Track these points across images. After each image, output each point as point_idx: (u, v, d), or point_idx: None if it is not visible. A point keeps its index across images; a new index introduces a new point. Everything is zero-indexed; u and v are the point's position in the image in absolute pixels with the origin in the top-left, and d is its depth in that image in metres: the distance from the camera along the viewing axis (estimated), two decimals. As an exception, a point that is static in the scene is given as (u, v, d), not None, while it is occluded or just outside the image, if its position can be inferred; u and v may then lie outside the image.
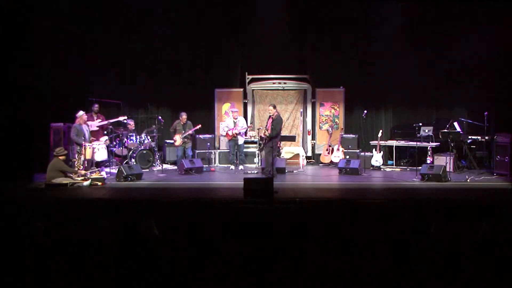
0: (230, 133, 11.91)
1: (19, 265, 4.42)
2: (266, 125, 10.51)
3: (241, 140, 12.15)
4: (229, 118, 12.28)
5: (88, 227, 5.29)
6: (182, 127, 11.83)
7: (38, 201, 8.19)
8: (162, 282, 4.30)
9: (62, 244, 4.82)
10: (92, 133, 11.19)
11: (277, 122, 10.28)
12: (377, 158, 11.71)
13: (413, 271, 4.25)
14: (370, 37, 12.60)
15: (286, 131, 13.12)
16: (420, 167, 10.35)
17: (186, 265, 4.46)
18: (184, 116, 11.89)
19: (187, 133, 11.78)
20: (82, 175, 9.65)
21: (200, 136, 12.61)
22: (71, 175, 9.67)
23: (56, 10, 11.03)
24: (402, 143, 11.98)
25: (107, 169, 10.88)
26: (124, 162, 11.54)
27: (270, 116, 10.55)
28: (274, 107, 10.60)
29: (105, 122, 11.76)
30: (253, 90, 13.49)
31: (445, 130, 11.12)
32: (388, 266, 4.31)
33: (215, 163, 12.56)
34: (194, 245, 4.84)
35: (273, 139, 10.27)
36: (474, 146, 11.55)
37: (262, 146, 12.63)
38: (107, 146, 11.16)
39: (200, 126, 12.04)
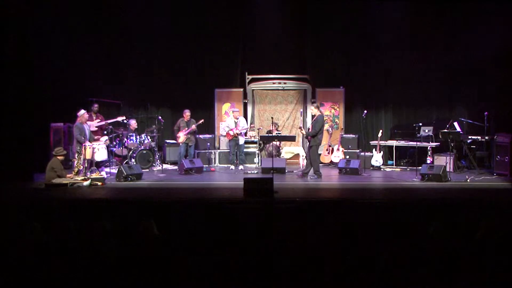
0: (231, 133, 11.91)
1: (18, 265, 4.42)
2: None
3: (241, 140, 12.16)
4: (229, 118, 12.28)
5: (88, 227, 5.29)
6: (185, 124, 11.90)
7: (38, 201, 8.19)
8: (162, 282, 4.30)
9: (62, 244, 4.82)
10: (91, 133, 11.18)
11: (316, 122, 10.28)
12: (377, 158, 11.71)
13: (413, 271, 4.24)
14: (370, 37, 12.62)
15: (286, 131, 13.14)
16: (420, 167, 10.36)
17: (186, 265, 4.46)
18: (187, 113, 11.95)
19: (191, 129, 11.82)
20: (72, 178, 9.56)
21: (200, 136, 12.63)
22: (70, 175, 9.68)
23: (56, 9, 11.04)
24: (402, 143, 11.98)
25: (107, 169, 10.88)
26: (124, 162, 11.54)
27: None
28: (316, 107, 10.64)
29: (103, 122, 11.76)
30: (253, 90, 13.49)
31: (445, 130, 11.11)
32: (388, 266, 4.31)
33: (215, 163, 12.57)
34: (194, 245, 4.84)
35: (313, 138, 10.25)
36: (474, 146, 11.55)
37: (262, 146, 12.69)
38: (107, 146, 11.15)
39: (203, 120, 12.08)
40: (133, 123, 12.09)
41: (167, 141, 12.76)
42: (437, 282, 4.15)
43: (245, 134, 12.55)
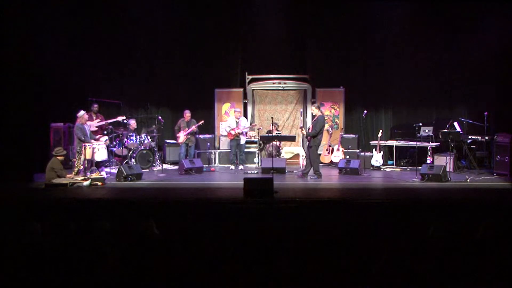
0: (232, 132, 11.90)
1: (18, 265, 4.42)
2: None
3: (243, 140, 12.15)
4: (231, 118, 12.28)
5: (88, 227, 5.29)
6: (186, 125, 11.92)
7: (38, 201, 8.19)
8: (162, 282, 4.30)
9: (62, 244, 4.82)
10: (91, 133, 11.18)
11: (316, 122, 10.26)
12: (377, 158, 11.71)
13: (413, 271, 4.24)
14: (370, 37, 12.65)
15: (286, 131, 13.14)
16: (420, 167, 10.35)
17: (186, 265, 4.46)
18: (188, 113, 11.98)
19: (191, 129, 11.83)
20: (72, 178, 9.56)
21: (200, 136, 12.63)
22: (70, 175, 9.68)
23: (56, 9, 11.05)
24: (402, 143, 11.98)
25: (107, 169, 10.88)
26: (124, 162, 11.54)
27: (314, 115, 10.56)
28: (317, 107, 10.64)
29: (103, 122, 11.76)
30: (253, 90, 13.49)
31: (445, 130, 11.12)
32: (388, 266, 4.31)
33: (215, 163, 12.57)
34: (194, 245, 4.84)
35: (313, 139, 10.21)
36: (474, 146, 11.55)
37: (262, 146, 12.69)
38: (107, 146, 11.16)
39: (202, 122, 12.10)
40: (133, 123, 12.10)
41: (167, 141, 12.77)
42: (437, 282, 4.15)
43: (246, 133, 12.55)
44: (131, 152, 11.71)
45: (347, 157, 11.85)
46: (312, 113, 10.75)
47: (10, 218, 6.82)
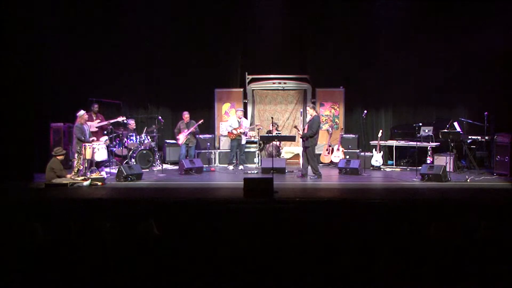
0: (234, 132, 11.89)
1: (18, 265, 4.42)
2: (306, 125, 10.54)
3: (244, 140, 12.14)
4: (233, 118, 12.27)
5: (88, 227, 5.29)
6: (185, 126, 11.93)
7: (38, 201, 8.19)
8: (162, 282, 4.30)
9: (62, 244, 4.82)
10: (92, 133, 11.19)
11: (312, 122, 10.21)
12: (377, 158, 11.71)
13: (413, 271, 4.24)
14: (370, 37, 12.64)
15: (286, 131, 13.14)
16: (420, 167, 10.36)
17: (186, 265, 4.46)
18: (186, 115, 11.98)
19: (190, 130, 11.83)
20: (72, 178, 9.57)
21: (200, 136, 12.63)
22: (70, 174, 9.68)
23: (57, 9, 11.05)
24: (402, 143, 11.98)
25: (107, 169, 10.88)
26: (124, 162, 11.54)
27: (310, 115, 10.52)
28: (312, 107, 10.61)
29: (104, 122, 11.76)
30: (253, 90, 13.50)
31: (445, 130, 11.11)
32: (388, 266, 4.31)
33: (215, 163, 12.57)
34: (194, 245, 4.84)
35: (309, 139, 10.15)
36: (474, 146, 11.55)
37: (262, 146, 12.69)
38: (107, 146, 11.15)
39: (202, 120, 12.09)
40: (132, 123, 12.10)
41: (167, 141, 12.77)
42: (437, 283, 4.15)
43: (246, 133, 12.53)
44: (131, 152, 11.72)
45: (347, 157, 11.85)
46: (308, 113, 10.71)
47: (10, 218, 6.82)
